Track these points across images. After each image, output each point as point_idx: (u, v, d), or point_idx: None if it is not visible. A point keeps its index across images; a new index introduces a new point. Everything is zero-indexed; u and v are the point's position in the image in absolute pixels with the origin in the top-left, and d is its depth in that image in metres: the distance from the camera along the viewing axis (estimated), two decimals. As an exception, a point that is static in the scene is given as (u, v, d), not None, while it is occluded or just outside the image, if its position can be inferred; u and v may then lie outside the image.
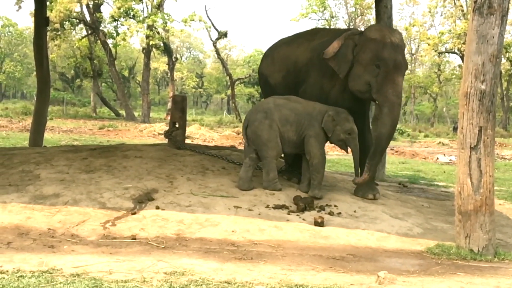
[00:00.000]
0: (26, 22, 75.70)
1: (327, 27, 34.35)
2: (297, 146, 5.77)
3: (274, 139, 5.67)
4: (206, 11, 56.60)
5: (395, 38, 5.59)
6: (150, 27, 29.10)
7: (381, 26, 5.79)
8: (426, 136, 28.22)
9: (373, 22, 29.59)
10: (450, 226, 5.13)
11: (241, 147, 9.77)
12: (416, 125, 38.29)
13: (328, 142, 5.91)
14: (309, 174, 5.80)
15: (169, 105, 30.33)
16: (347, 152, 6.01)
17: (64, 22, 29.84)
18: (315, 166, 5.67)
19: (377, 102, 5.63)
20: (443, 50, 36.44)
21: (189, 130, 17.37)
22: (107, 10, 77.91)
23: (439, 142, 22.31)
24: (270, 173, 5.71)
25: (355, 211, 5.37)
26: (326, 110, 5.74)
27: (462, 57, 31.17)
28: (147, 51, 30.94)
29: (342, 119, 5.72)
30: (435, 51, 36.07)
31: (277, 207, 5.22)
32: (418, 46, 41.75)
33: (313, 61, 6.04)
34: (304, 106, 5.80)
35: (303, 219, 4.95)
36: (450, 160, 14.45)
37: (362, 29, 6.76)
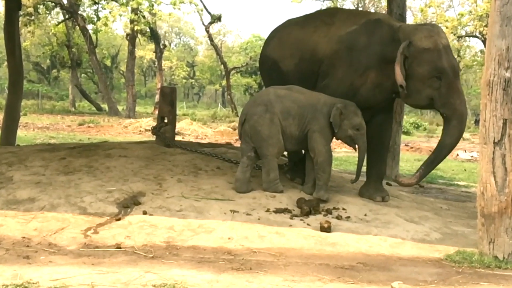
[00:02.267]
0: (-5, 6, 75.36)
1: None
2: (300, 142, 5.77)
3: (276, 135, 5.67)
4: (197, -8, 56.42)
5: (444, 40, 5.59)
6: (134, 11, 29.04)
7: (427, 29, 5.68)
8: (444, 130, 28.17)
9: (384, 3, 29.56)
10: (472, 230, 5.15)
11: (238, 144, 9.77)
12: (434, 118, 38.23)
13: (334, 138, 5.91)
14: (314, 174, 5.80)
15: (157, 97, 30.33)
16: (355, 149, 6.01)
17: (38, 5, 29.76)
18: (320, 165, 5.68)
19: (443, 114, 5.65)
20: (463, 33, 36.42)
21: (179, 126, 17.35)
22: (86, -8, 77.68)
23: (459, 137, 22.27)
24: (271, 173, 5.71)
25: (365, 215, 5.38)
26: (332, 102, 5.73)
27: (484, 42, 31.18)
28: (131, 38, 30.88)
29: (351, 113, 5.71)
30: (454, 35, 36.02)
31: (278, 211, 5.22)
32: (435, 29, 41.66)
33: (340, 54, 5.95)
34: (307, 97, 5.79)
35: (308, 224, 4.95)
36: (472, 156, 14.48)
37: (373, 10, 6.67)
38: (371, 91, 5.83)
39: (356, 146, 5.87)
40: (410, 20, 34.50)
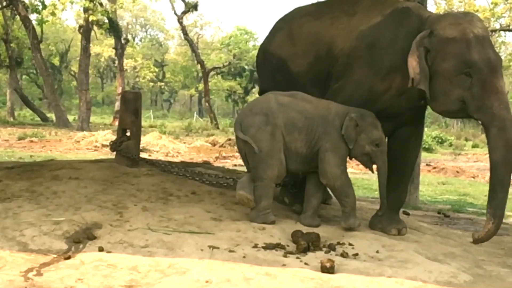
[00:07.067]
0: None
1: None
2: (307, 161, 5.77)
3: (277, 153, 5.66)
4: (168, -26, 56.74)
5: (477, 29, 5.59)
6: (89, -3, 29.11)
7: (454, 16, 5.69)
8: (475, 146, 28.49)
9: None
10: (509, 271, 5.17)
11: (218, 164, 9.77)
12: (462, 131, 38.60)
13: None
14: (315, 201, 5.83)
15: (117, 105, 30.42)
16: (372, 171, 6.01)
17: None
18: (340, 189, 5.71)
19: (479, 122, 5.68)
20: (497, 27, 36.85)
21: (144, 140, 17.36)
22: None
23: (493, 155, 22.44)
24: (263, 201, 5.69)
25: (377, 252, 5.38)
26: (345, 112, 5.75)
27: (523, 37, 31.52)
28: (85, 30, 30.90)
29: (368, 125, 5.74)
30: (486, 28, 36.44)
31: (269, 246, 5.21)
32: (463, 21, 42.14)
33: (359, 52, 6.00)
34: (315, 106, 5.80)
35: (306, 264, 4.94)
36: (509, 179, 14.56)
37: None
38: (396, 99, 5.86)
39: (375, 166, 5.89)
40: (432, 10, 34.82)
